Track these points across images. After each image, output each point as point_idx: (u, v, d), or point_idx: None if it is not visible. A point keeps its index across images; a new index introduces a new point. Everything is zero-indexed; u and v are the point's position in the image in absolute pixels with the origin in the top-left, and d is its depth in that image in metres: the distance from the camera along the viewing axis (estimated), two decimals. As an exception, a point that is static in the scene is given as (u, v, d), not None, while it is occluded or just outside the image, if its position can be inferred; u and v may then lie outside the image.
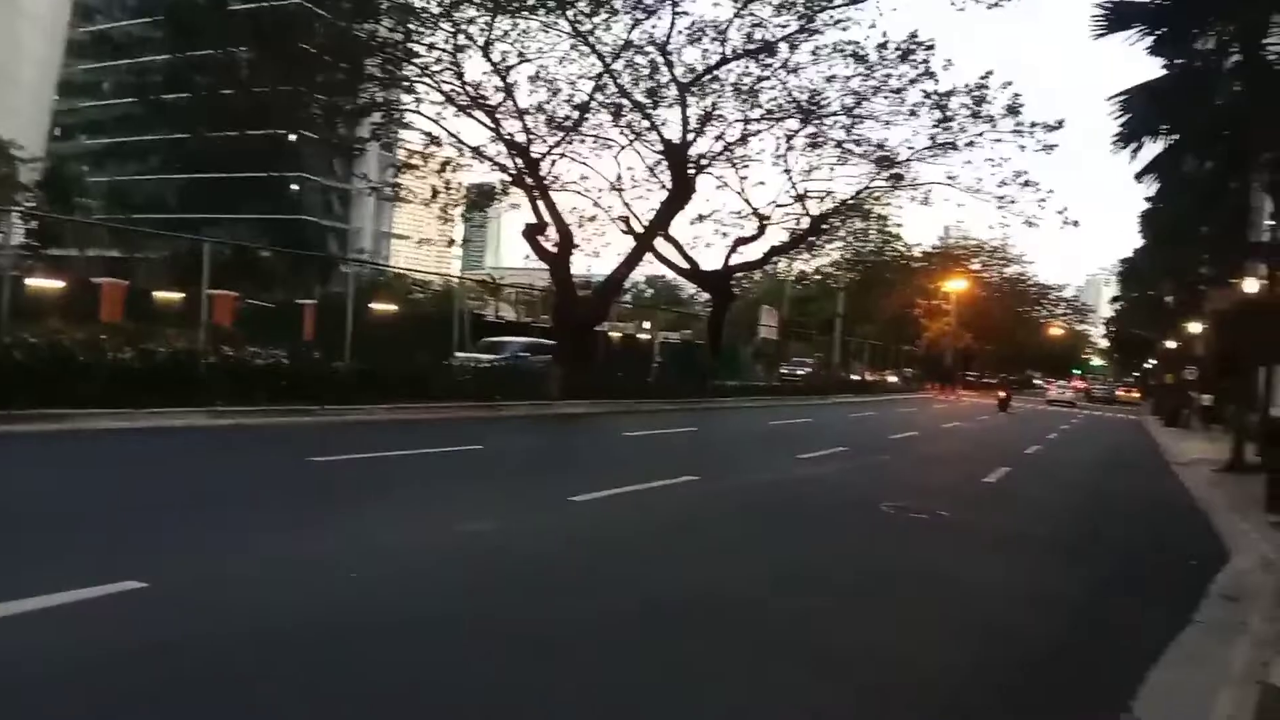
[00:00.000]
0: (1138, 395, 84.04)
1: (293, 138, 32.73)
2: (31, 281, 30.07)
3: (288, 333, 26.72)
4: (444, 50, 24.50)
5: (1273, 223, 16.53)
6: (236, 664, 4.60)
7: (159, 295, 32.99)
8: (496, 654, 5.09)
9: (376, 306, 34.50)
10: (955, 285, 67.36)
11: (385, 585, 6.24)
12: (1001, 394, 48.23)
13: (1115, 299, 71.31)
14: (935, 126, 29.55)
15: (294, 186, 79.08)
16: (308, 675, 4.56)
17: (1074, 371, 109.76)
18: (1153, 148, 10.84)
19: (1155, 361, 62.20)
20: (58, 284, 31.52)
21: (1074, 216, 30.64)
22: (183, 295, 29.89)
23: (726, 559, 8.18)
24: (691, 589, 6.96)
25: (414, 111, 26.63)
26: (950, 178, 31.19)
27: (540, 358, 25.26)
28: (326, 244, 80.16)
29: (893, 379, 57.39)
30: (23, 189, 53.07)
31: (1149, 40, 10.21)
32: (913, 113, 29.47)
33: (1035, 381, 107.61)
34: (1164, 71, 10.46)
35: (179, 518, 7.90)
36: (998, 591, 7.90)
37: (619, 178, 30.58)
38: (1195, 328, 40.12)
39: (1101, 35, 10.27)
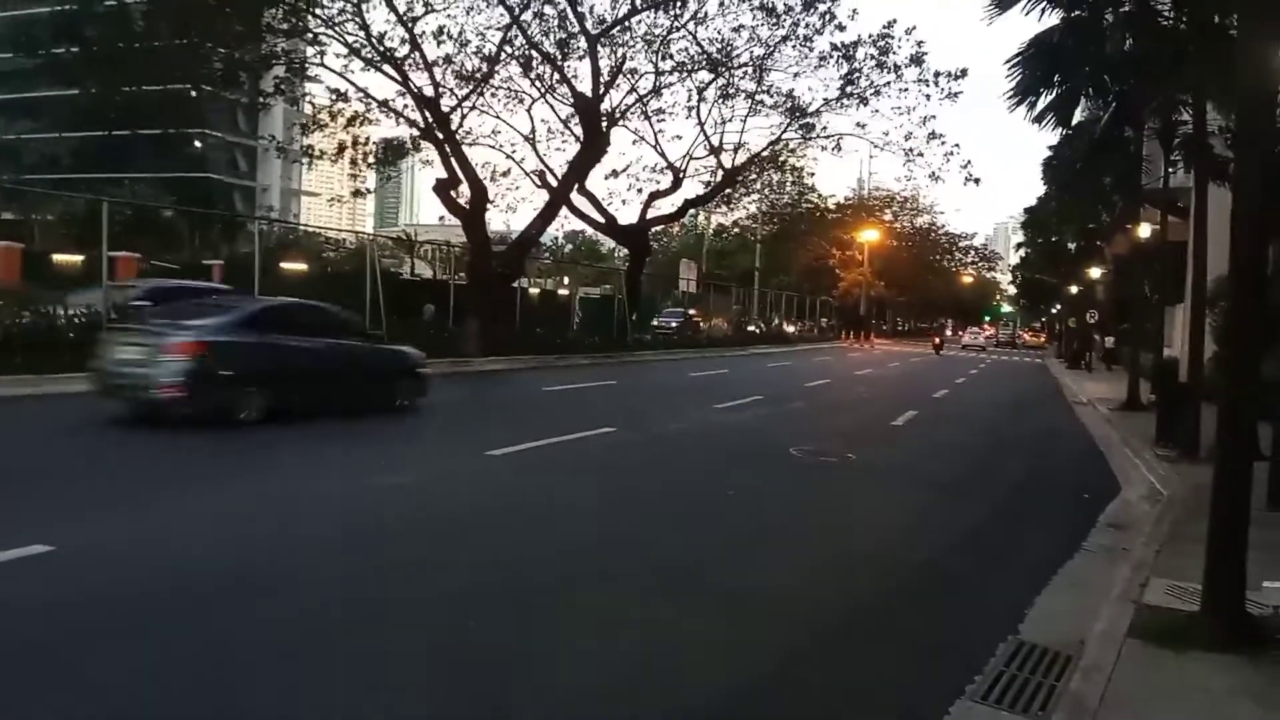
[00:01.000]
0: (1044, 339, 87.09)
1: (194, 93, 31.51)
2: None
3: (195, 294, 25.93)
4: (347, 0, 23.82)
5: (1166, 170, 17.14)
6: (144, 614, 4.61)
7: (58, 258, 31.67)
8: (397, 604, 5.18)
9: (287, 265, 33.69)
10: (868, 236, 68.39)
11: (294, 541, 6.25)
12: (935, 340, 59.76)
13: (1020, 246, 73.21)
14: (843, 78, 29.95)
15: (196, 144, 76.24)
16: (211, 623, 4.58)
17: (985, 318, 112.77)
18: (1049, 99, 11.12)
19: (1060, 306, 64.28)
20: (-55, 248, 30.04)
21: (977, 173, 31.64)
22: (83, 258, 28.77)
23: (633, 505, 8.37)
24: (595, 532, 7.15)
25: (319, 65, 25.92)
26: (860, 126, 31.75)
27: None
28: (233, 202, 77.67)
29: (790, 329, 57.77)
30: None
31: (1041, 4, 10.47)
32: (821, 63, 29.82)
33: (945, 331, 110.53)
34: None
35: (86, 481, 7.77)
36: (895, 527, 8.24)
37: (533, 131, 30.35)
38: (1096, 273, 41.58)
39: (998, 16, 10.51)
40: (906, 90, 30.14)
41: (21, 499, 6.96)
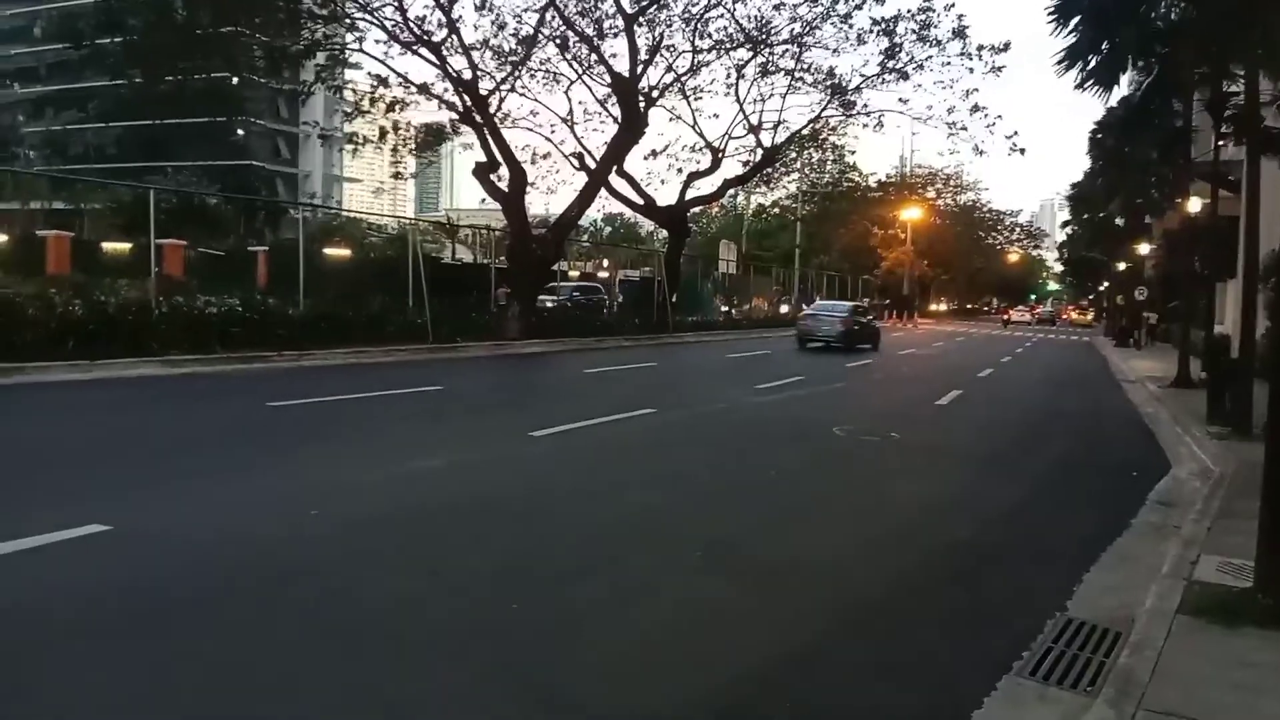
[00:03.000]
0: (1091, 317, 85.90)
1: (235, 81, 31.89)
2: (-27, 237, 29.36)
3: (240, 280, 26.35)
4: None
5: (1215, 144, 16.74)
6: (196, 594, 4.71)
7: (107, 246, 32.30)
8: (451, 581, 5.24)
9: (330, 251, 34.05)
10: (911, 214, 67.61)
11: (342, 522, 6.34)
12: (1006, 315, 73.82)
13: (1067, 223, 72.02)
14: (883, 54, 29.60)
15: (239, 131, 77.12)
16: (263, 599, 4.68)
17: (1031, 297, 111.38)
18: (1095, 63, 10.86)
19: (1108, 284, 63.20)
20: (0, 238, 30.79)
21: (1022, 144, 31.05)
22: (130, 246, 29.32)
23: (676, 484, 8.37)
24: (639, 511, 7.17)
25: (358, 50, 26.09)
26: (902, 101, 31.41)
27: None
28: (275, 189, 78.59)
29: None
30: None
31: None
32: (860, 39, 29.47)
33: (986, 309, 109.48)
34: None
35: (139, 464, 7.93)
36: (940, 504, 8.18)
37: (570, 112, 30.33)
38: (1144, 249, 40.80)
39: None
40: (949, 64, 29.77)
41: (98, 477, 7.14)
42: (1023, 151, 31.36)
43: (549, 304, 26.44)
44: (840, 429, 11.82)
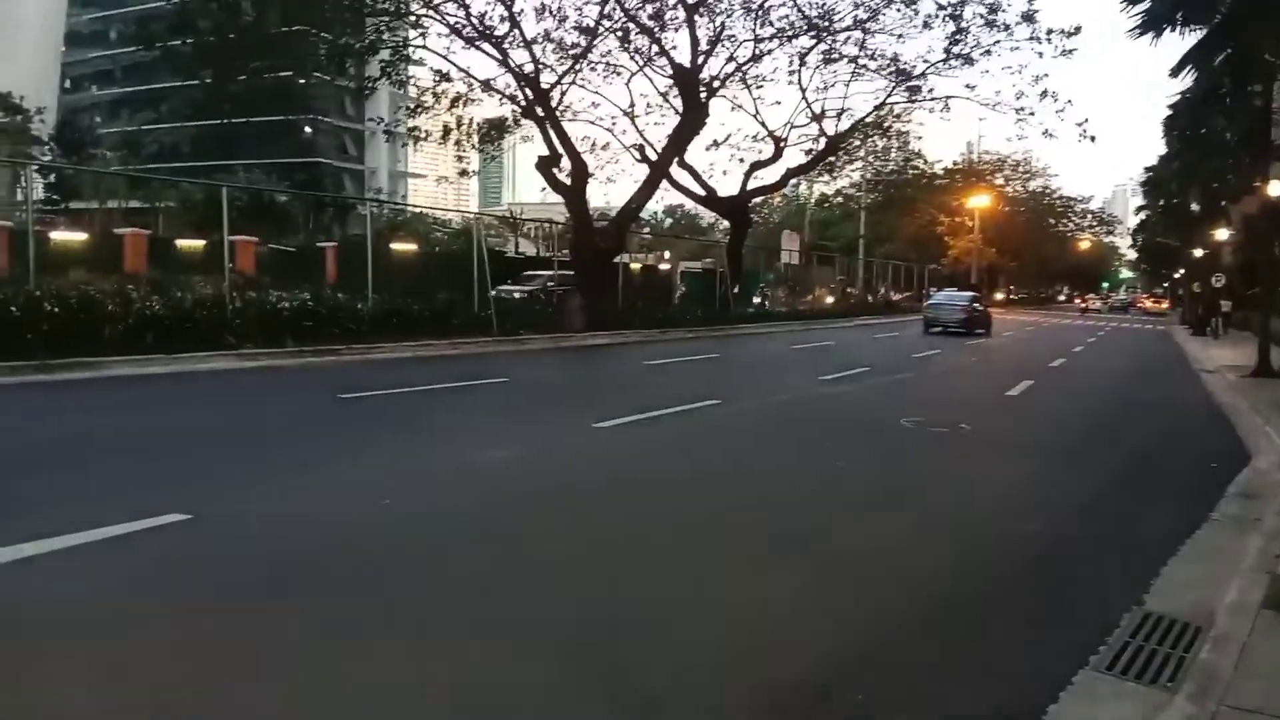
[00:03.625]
0: (1166, 305, 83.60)
1: (302, 80, 32.49)
2: (55, 235, 30.33)
3: (309, 275, 26.90)
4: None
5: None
6: (273, 579, 4.84)
7: (181, 243, 33.16)
8: (524, 569, 5.30)
9: (397, 246, 34.55)
10: (979, 201, 66.30)
11: (413, 511, 6.45)
12: (1084, 304, 75.80)
13: (1141, 209, 70.05)
14: (949, 39, 29.06)
15: (306, 129, 78.66)
16: (338, 587, 4.79)
17: (1103, 285, 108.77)
18: (1173, 42, 10.56)
19: (1183, 271, 61.36)
20: (80, 236, 31.78)
21: (1093, 130, 30.20)
22: (204, 242, 30.08)
23: (741, 476, 8.36)
24: (705, 503, 7.16)
25: (421, 47, 26.40)
26: (969, 87, 30.77)
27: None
28: (342, 185, 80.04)
29: (897, 299, 55.88)
30: (36, 142, 53.06)
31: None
32: (926, 24, 28.97)
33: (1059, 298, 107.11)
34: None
35: (216, 454, 8.15)
36: (1012, 496, 8.04)
37: (631, 104, 30.35)
38: (1222, 234, 39.53)
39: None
40: (1017, 49, 29.14)
41: (180, 464, 7.37)
42: (1093, 139, 30.52)
43: (517, 294, 25.52)
44: (908, 420, 11.67)
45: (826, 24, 28.84)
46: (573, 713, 3.66)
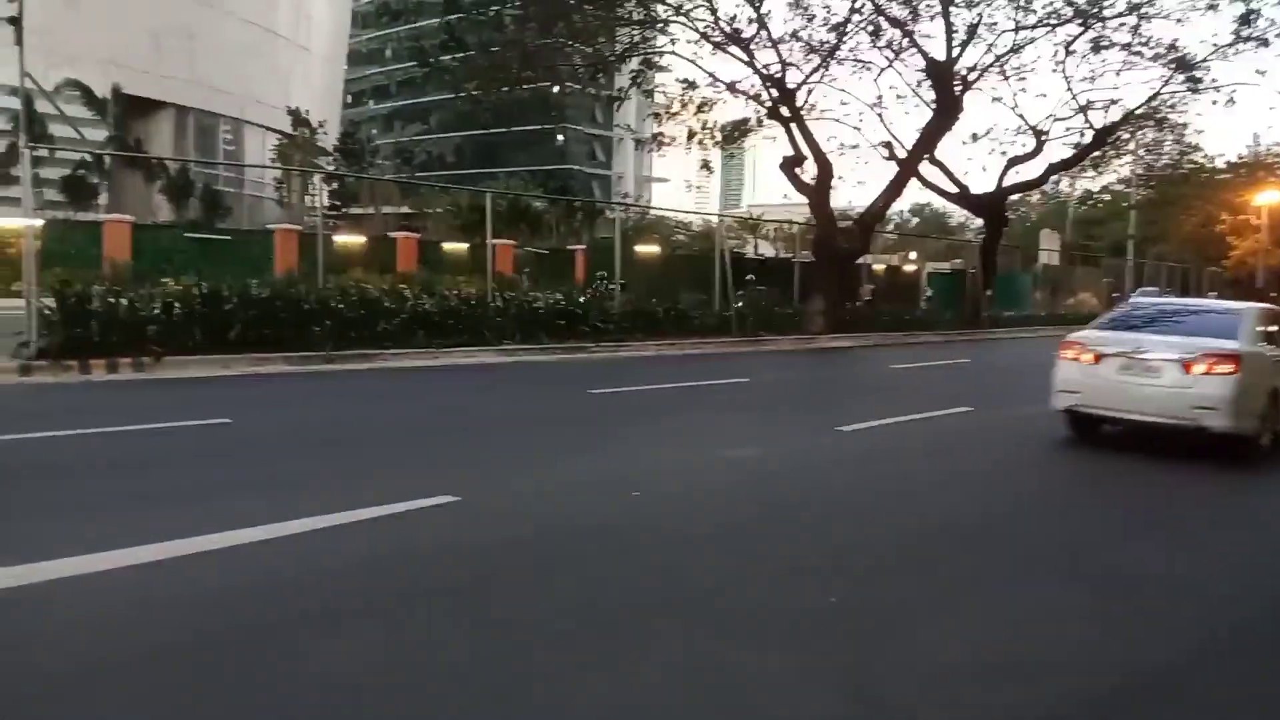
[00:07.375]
0: None
1: (556, 90, 33.94)
2: (338, 237, 33.32)
3: (561, 276, 28.13)
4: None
5: None
6: (537, 562, 5.10)
7: (446, 246, 35.52)
8: (762, 568, 5.31)
9: (642, 248, 35.47)
10: (1267, 198, 59.78)
11: (663, 503, 6.61)
12: None
13: None
14: (1238, 19, 26.32)
15: (559, 138, 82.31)
16: (597, 572, 4.99)
17: None
18: None
19: None
20: (359, 239, 34.71)
21: None
22: (467, 245, 32.10)
23: (994, 485, 7.99)
24: (954, 512, 6.88)
25: (670, 53, 26.91)
26: (1259, 73, 27.78)
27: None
28: (591, 190, 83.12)
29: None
30: (323, 154, 58.46)
31: None
32: (1211, 6, 26.39)
33: None
34: None
35: (482, 442, 8.74)
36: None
37: (879, 99, 29.58)
38: None
39: None
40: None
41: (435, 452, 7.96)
42: None
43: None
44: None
45: (1096, 9, 26.92)
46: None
